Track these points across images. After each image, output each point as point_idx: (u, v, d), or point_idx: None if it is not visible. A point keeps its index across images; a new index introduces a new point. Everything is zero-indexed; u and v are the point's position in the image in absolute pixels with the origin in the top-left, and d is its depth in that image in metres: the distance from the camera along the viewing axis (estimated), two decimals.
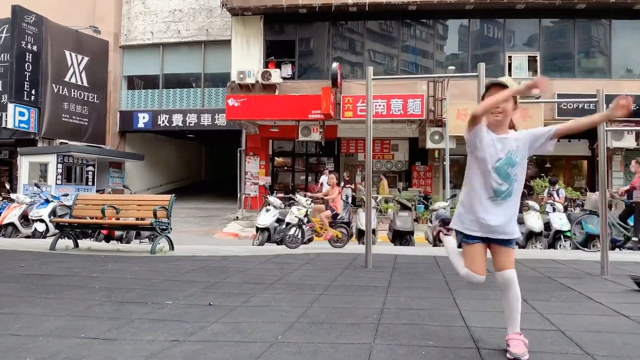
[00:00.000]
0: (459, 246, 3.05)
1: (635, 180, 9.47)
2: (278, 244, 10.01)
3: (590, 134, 17.83)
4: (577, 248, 9.26)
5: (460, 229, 2.96)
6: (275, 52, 19.37)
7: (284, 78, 18.88)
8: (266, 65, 19.04)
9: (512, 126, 2.97)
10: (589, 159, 19.57)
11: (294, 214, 10.24)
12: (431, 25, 19.50)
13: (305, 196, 9.94)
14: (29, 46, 19.64)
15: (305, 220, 9.12)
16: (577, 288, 4.86)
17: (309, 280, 5.21)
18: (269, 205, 10.55)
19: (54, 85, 20.67)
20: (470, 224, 2.91)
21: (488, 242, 2.91)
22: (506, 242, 2.90)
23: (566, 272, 5.89)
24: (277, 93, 18.37)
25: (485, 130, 2.88)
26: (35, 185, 13.50)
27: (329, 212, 9.29)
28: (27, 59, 19.62)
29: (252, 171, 20.12)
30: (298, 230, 8.88)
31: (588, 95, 13.79)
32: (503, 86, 2.83)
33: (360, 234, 10.05)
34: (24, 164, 19.36)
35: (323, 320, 3.59)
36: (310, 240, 10.62)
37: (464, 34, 19.42)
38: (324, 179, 13.15)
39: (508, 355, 2.78)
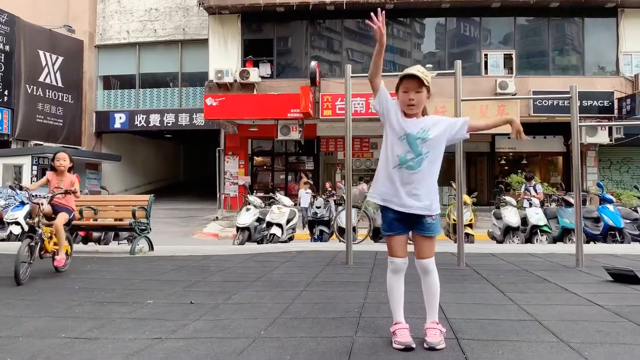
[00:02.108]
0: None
1: None
2: (258, 243, 10.01)
3: (565, 131, 18.19)
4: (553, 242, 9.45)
5: (378, 201, 3.03)
6: (253, 51, 19.32)
7: (263, 77, 18.84)
8: (244, 64, 18.98)
9: (424, 113, 3.04)
10: (564, 155, 19.94)
11: (274, 213, 10.26)
12: (408, 23, 19.66)
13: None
14: (1, 46, 19.26)
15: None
16: (553, 280, 4.97)
17: (290, 278, 5.24)
18: (249, 204, 10.53)
19: (27, 85, 20.32)
20: (382, 193, 3.00)
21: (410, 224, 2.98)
22: (423, 230, 2.94)
23: (542, 265, 6.01)
24: (255, 92, 18.33)
25: (395, 108, 2.99)
26: (10, 187, 13.26)
27: None
28: None
29: (232, 171, 20.05)
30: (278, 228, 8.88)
31: (562, 92, 14.10)
32: (414, 77, 2.88)
33: (341, 232, 10.10)
34: None
35: (305, 315, 3.62)
36: (291, 239, 10.65)
37: (440, 33, 19.62)
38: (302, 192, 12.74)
39: (424, 345, 2.85)
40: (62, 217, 5.75)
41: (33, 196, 5.76)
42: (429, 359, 2.68)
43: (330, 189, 11.35)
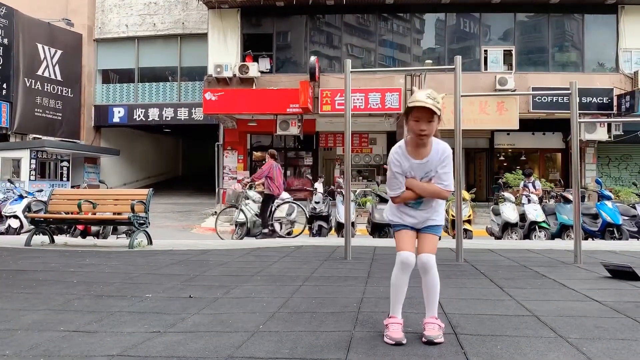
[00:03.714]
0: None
1: None
2: (257, 238, 10.02)
3: (564, 127, 18.20)
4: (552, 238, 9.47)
5: (397, 223, 3.07)
6: (253, 46, 19.27)
7: (262, 72, 18.79)
8: (244, 58, 18.92)
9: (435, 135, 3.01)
10: (563, 152, 19.96)
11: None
12: (408, 19, 19.61)
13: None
14: None
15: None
16: (552, 276, 4.98)
17: (289, 272, 5.24)
18: (248, 199, 10.53)
19: (26, 79, 20.27)
20: (398, 217, 3.05)
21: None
22: (429, 229, 3.02)
23: (541, 261, 6.02)
24: (254, 87, 18.28)
25: (402, 161, 2.97)
26: (9, 181, 13.25)
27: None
28: None
29: (230, 166, 20.03)
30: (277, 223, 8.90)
31: (562, 88, 14.09)
32: (426, 108, 2.80)
33: (339, 227, 10.11)
34: None
35: (304, 310, 3.63)
36: (289, 233, 10.66)
37: (440, 28, 19.57)
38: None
39: (423, 339, 2.86)
40: None
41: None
42: (427, 353, 2.69)
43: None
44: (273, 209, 10.43)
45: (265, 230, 10.23)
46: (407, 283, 3.01)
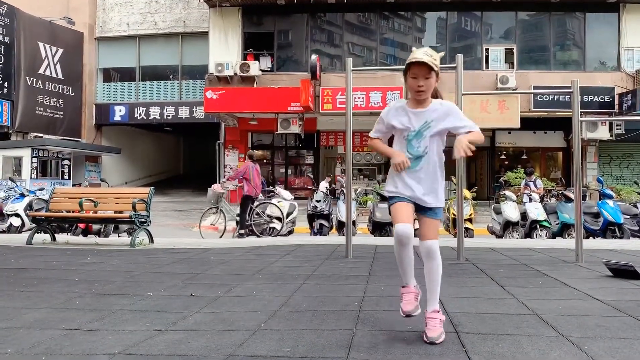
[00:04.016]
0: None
1: None
2: (258, 236, 10.02)
3: (565, 126, 18.18)
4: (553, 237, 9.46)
5: (393, 194, 2.99)
6: (254, 44, 19.27)
7: (263, 70, 18.80)
8: (245, 57, 18.93)
9: (435, 95, 3.02)
10: (564, 150, 19.94)
11: (274, 207, 10.27)
12: (409, 17, 19.60)
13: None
14: (0, 37, 19.21)
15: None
16: (553, 275, 4.98)
17: (290, 271, 5.24)
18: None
19: (27, 77, 20.28)
20: (394, 187, 2.99)
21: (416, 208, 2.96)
22: (429, 212, 2.94)
23: (542, 260, 6.02)
24: (255, 85, 18.30)
25: (396, 113, 2.99)
26: (10, 179, 13.26)
27: None
28: None
29: (231, 164, 20.04)
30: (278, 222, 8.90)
31: (563, 87, 14.07)
32: (423, 63, 2.83)
33: (340, 226, 10.11)
34: None
35: (305, 308, 3.63)
36: (290, 232, 10.67)
37: (441, 27, 19.57)
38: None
39: (424, 339, 2.82)
40: None
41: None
42: (429, 352, 2.68)
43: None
44: (258, 209, 10.47)
45: (242, 231, 10.22)
46: (411, 255, 2.91)
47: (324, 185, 10.48)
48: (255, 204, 10.42)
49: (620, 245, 7.57)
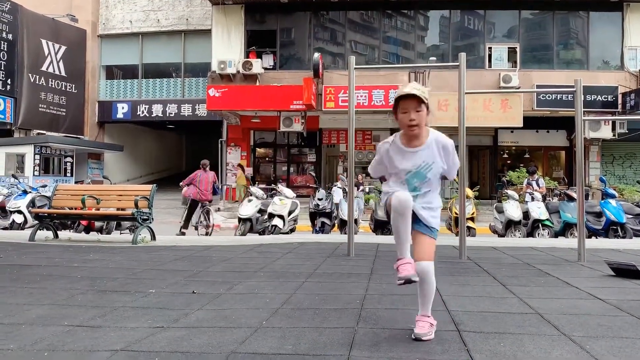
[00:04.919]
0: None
1: None
2: (260, 234, 10.03)
3: (568, 125, 18.14)
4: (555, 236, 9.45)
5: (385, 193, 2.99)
6: (257, 42, 19.27)
7: (266, 68, 18.79)
8: (247, 55, 18.92)
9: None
10: (567, 150, 19.90)
11: (276, 205, 10.27)
12: (412, 16, 19.57)
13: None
14: (3, 35, 19.25)
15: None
16: (555, 274, 4.97)
17: (292, 269, 5.24)
18: (251, 195, 10.55)
19: (30, 74, 20.31)
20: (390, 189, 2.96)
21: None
22: (424, 228, 2.88)
23: (544, 259, 6.01)
24: (258, 83, 18.29)
25: (392, 151, 2.93)
26: (13, 176, 13.29)
27: None
28: (2, 48, 19.25)
29: (234, 162, 20.04)
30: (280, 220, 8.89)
31: (566, 86, 14.04)
32: (412, 96, 2.76)
33: (342, 224, 10.11)
34: (0, 155, 19.01)
35: (307, 306, 3.63)
36: (292, 230, 10.67)
37: (444, 25, 19.54)
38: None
39: (412, 336, 2.86)
40: None
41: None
42: (430, 350, 2.69)
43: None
44: (204, 213, 11.18)
45: (184, 230, 10.93)
46: (409, 226, 2.81)
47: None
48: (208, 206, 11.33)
49: (622, 245, 7.56)
